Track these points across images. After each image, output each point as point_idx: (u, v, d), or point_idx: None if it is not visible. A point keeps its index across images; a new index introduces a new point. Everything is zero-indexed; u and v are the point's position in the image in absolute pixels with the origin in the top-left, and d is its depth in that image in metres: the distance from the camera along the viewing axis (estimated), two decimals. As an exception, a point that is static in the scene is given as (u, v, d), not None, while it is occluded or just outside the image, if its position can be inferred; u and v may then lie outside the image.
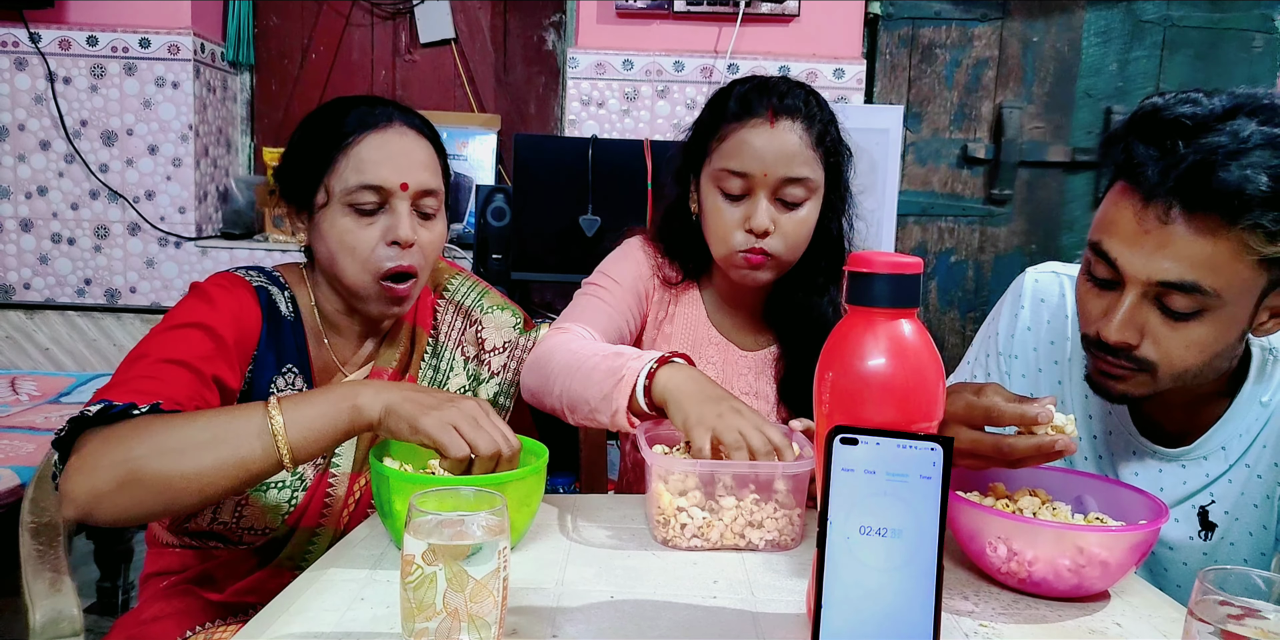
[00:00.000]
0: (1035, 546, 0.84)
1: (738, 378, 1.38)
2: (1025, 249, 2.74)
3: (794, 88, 1.27)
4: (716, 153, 1.26)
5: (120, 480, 0.88)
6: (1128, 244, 0.91)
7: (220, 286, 1.12)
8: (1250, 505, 1.03)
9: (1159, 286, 0.90)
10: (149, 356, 1.01)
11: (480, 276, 2.37)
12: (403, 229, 1.10)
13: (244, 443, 0.90)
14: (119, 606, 1.95)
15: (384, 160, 1.11)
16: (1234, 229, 0.86)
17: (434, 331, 1.27)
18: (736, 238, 1.25)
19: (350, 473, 1.16)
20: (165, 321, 1.06)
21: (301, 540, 1.14)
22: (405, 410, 0.91)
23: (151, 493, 0.89)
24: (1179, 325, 0.92)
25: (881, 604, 0.66)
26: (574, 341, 1.19)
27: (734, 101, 1.26)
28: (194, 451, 0.89)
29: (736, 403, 1.00)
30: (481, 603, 0.67)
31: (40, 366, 2.63)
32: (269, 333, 1.13)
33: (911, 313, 0.72)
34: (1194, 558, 1.06)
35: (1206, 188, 0.85)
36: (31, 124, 2.57)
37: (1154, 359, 0.94)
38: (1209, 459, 1.04)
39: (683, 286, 1.39)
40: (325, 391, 0.94)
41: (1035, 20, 2.67)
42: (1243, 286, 0.89)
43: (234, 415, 0.92)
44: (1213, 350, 0.93)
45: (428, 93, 2.89)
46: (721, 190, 1.25)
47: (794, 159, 1.22)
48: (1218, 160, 0.85)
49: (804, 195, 1.24)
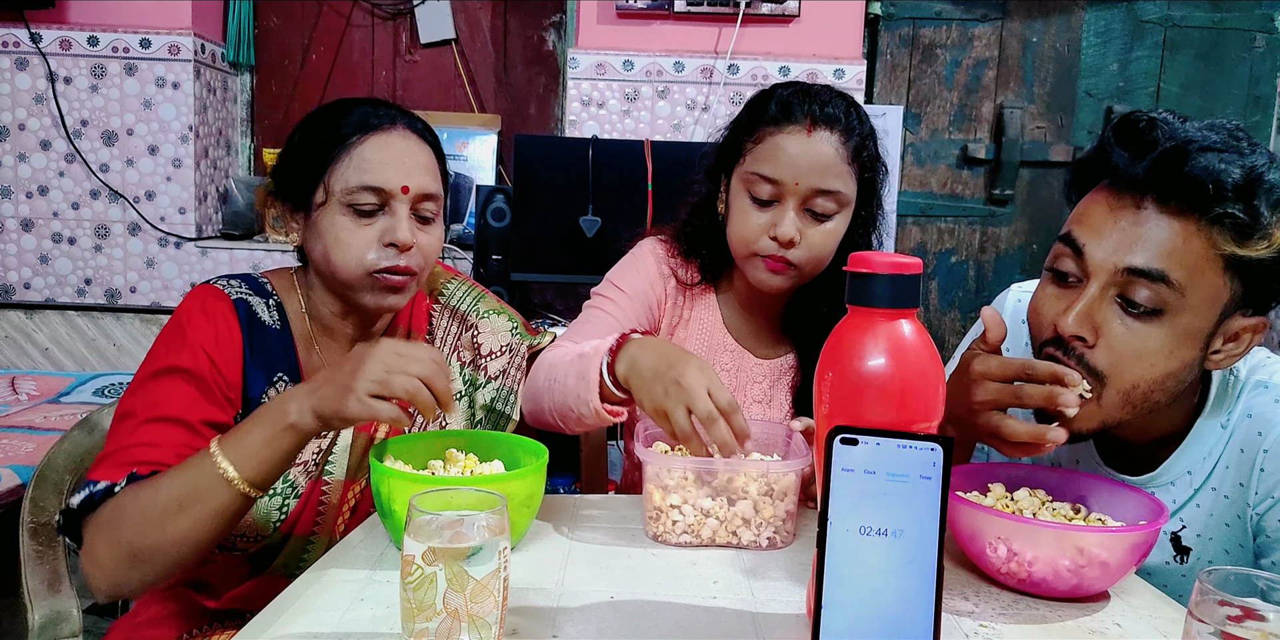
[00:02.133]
0: (1035, 546, 0.84)
1: (752, 385, 1.37)
2: (1027, 249, 2.74)
3: (836, 97, 1.24)
4: (750, 155, 1.24)
5: (123, 563, 0.95)
6: (1097, 231, 0.92)
7: (197, 309, 1.10)
8: (1222, 525, 1.02)
9: (1125, 275, 0.90)
10: (135, 416, 1.03)
11: (480, 277, 2.39)
12: (401, 231, 1.09)
13: (207, 495, 0.94)
14: (118, 608, 1.95)
15: (386, 162, 1.10)
16: (1203, 221, 0.87)
17: (429, 336, 1.26)
18: (761, 243, 1.22)
19: (344, 480, 1.15)
20: (146, 365, 1.07)
21: (296, 548, 1.14)
22: (328, 408, 0.92)
23: (153, 564, 0.96)
24: (1135, 326, 0.90)
25: (881, 604, 0.66)
26: (552, 355, 1.16)
27: (774, 104, 1.24)
28: (171, 518, 0.94)
29: (680, 368, 0.96)
30: (482, 603, 0.67)
31: (40, 366, 2.63)
32: (252, 347, 1.12)
33: (911, 313, 0.72)
34: (1173, 581, 1.05)
35: (1178, 175, 0.87)
36: (32, 123, 2.57)
37: (1103, 368, 0.91)
38: (1175, 485, 1.02)
39: (699, 290, 1.37)
40: (257, 416, 0.96)
41: (1035, 20, 2.67)
42: (1207, 292, 0.89)
43: (188, 472, 0.95)
44: (1164, 367, 0.91)
45: (428, 93, 2.89)
46: (751, 194, 1.23)
47: (827, 170, 1.20)
48: (1190, 151, 0.87)
49: (834, 208, 1.21)
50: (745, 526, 0.96)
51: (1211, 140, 0.88)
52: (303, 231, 1.15)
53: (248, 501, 0.95)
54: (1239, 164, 0.86)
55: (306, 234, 1.14)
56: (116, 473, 0.98)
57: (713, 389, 0.94)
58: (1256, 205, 0.86)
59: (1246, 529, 1.01)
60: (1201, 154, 0.87)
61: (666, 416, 0.95)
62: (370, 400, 0.90)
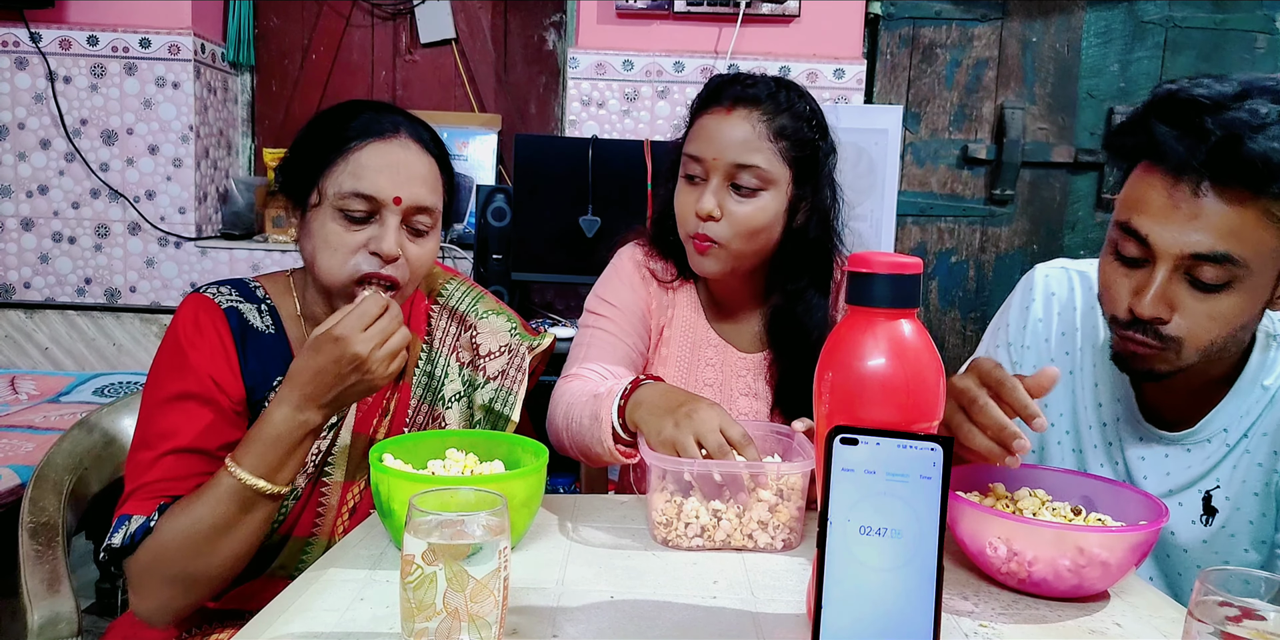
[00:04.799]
0: (1035, 546, 0.84)
1: (736, 378, 1.37)
2: (1027, 249, 2.74)
3: (764, 81, 1.28)
4: (686, 139, 1.30)
5: (179, 591, 1.02)
6: (1159, 219, 0.94)
7: (190, 325, 1.10)
8: (1251, 493, 1.04)
9: (1191, 259, 0.93)
10: (152, 448, 1.05)
11: (480, 277, 2.39)
12: (387, 243, 1.08)
13: (241, 511, 0.99)
14: (118, 607, 1.95)
15: (382, 170, 1.08)
16: (1260, 199, 0.90)
17: (428, 337, 1.26)
18: (689, 222, 1.27)
19: (343, 481, 1.15)
20: (154, 388, 1.09)
21: (294, 549, 1.13)
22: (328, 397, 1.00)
23: (207, 584, 1.02)
24: (1208, 297, 0.94)
25: (881, 604, 0.66)
26: (568, 392, 1.21)
27: (705, 91, 1.30)
28: (220, 541, 0.99)
29: (691, 405, 1.01)
30: (482, 603, 0.67)
31: (40, 366, 2.63)
32: (246, 355, 1.12)
33: (911, 313, 0.72)
34: (1194, 545, 1.08)
35: (1236, 160, 0.89)
36: (32, 123, 2.57)
37: (1181, 335, 0.96)
38: (1211, 441, 1.06)
39: (679, 286, 1.39)
40: (265, 425, 1.00)
41: (1035, 20, 2.67)
42: (1269, 255, 0.93)
43: (216, 496, 0.99)
44: (1237, 322, 0.96)
45: (428, 93, 2.89)
46: (683, 175, 1.29)
47: (745, 145, 1.24)
48: (1244, 134, 0.89)
49: (756, 184, 1.24)
50: (762, 529, 0.96)
51: (1261, 116, 0.90)
52: (298, 229, 1.15)
53: (276, 502, 1.02)
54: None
55: (301, 232, 1.14)
56: (147, 506, 1.02)
57: (724, 425, 0.98)
58: None
59: (1271, 498, 1.04)
60: (1255, 134, 0.89)
61: (676, 450, 0.98)
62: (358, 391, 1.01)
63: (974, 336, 2.76)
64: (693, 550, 0.96)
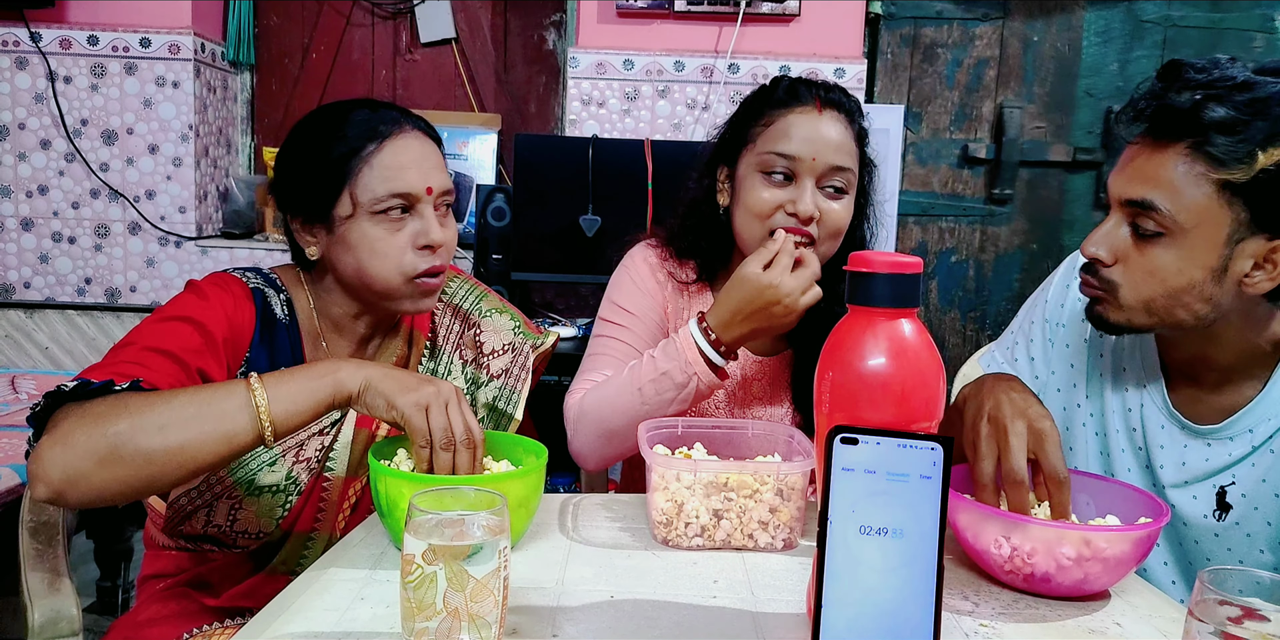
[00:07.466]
0: (1037, 546, 0.84)
1: (753, 382, 1.37)
2: (1026, 249, 2.73)
3: (836, 87, 1.30)
4: (762, 138, 1.25)
5: (99, 457, 0.86)
6: (1116, 169, 1.02)
7: (216, 285, 1.12)
8: (1271, 494, 1.04)
9: (1127, 206, 0.99)
10: (136, 344, 1.01)
11: (481, 276, 2.39)
12: (435, 232, 1.11)
13: (227, 417, 0.90)
14: (118, 606, 1.95)
15: (407, 166, 1.10)
16: (1187, 150, 0.94)
17: (432, 334, 1.26)
18: (775, 218, 1.23)
19: (345, 477, 1.15)
20: (157, 314, 1.06)
21: (296, 545, 1.14)
22: (384, 387, 0.93)
23: (131, 469, 0.87)
24: (1146, 249, 0.99)
25: (881, 604, 0.66)
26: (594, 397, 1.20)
27: (781, 90, 1.28)
28: (176, 426, 0.88)
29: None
30: (482, 602, 0.67)
31: (40, 365, 2.63)
32: (262, 335, 1.12)
33: (912, 313, 0.72)
34: (1206, 537, 1.08)
35: (1165, 110, 0.96)
36: (32, 123, 2.57)
37: (1118, 280, 1.01)
38: (1235, 440, 1.06)
39: (696, 289, 1.36)
40: (306, 368, 0.95)
41: (1035, 20, 2.67)
42: (1202, 216, 0.95)
43: (215, 391, 0.92)
44: (1174, 283, 0.98)
45: (428, 92, 2.89)
46: (765, 174, 1.23)
47: (840, 147, 1.23)
48: (1176, 88, 0.95)
49: (845, 186, 1.24)
50: (762, 529, 0.96)
51: (1221, 77, 0.94)
52: (325, 244, 1.14)
53: (254, 441, 0.91)
54: (1229, 102, 0.92)
55: (332, 247, 1.13)
56: (116, 379, 0.93)
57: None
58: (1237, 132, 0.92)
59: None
60: (1197, 90, 0.94)
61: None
62: (421, 409, 0.92)
63: (974, 336, 2.76)
64: (693, 550, 0.96)
